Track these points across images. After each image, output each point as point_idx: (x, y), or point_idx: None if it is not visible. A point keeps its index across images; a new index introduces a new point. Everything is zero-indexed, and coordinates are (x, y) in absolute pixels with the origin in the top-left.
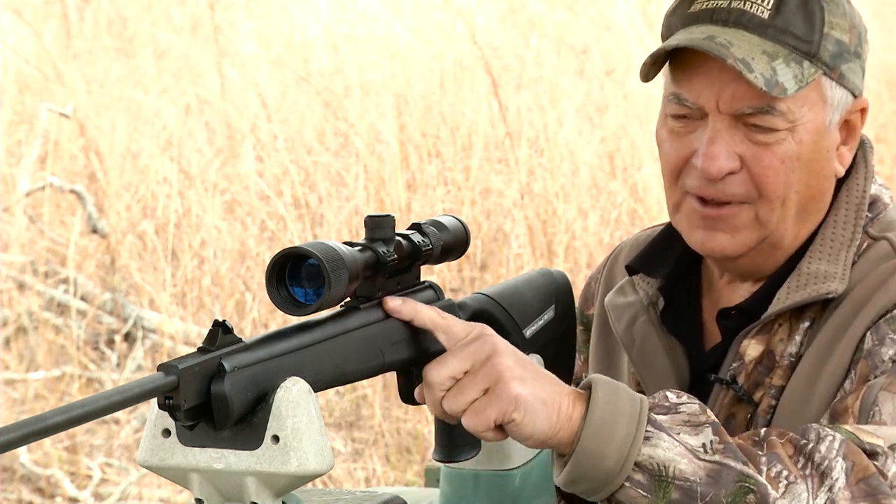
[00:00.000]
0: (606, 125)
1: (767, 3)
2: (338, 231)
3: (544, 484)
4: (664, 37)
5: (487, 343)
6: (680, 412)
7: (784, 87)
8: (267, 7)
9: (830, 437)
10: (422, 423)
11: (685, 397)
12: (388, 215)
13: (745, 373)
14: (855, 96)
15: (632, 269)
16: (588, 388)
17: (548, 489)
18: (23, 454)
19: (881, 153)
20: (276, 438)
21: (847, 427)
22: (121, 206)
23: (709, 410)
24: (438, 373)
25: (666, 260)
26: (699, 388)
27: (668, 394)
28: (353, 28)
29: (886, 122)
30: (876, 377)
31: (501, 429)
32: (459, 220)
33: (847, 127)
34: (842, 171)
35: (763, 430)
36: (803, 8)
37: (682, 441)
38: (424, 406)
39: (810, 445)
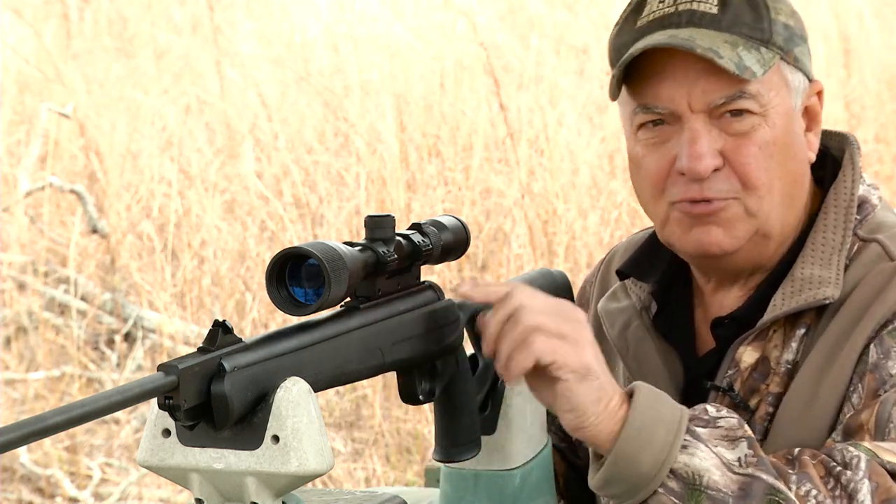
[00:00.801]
0: (606, 125)
1: (713, 0)
2: (338, 231)
3: (544, 484)
4: (613, 61)
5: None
6: (718, 426)
7: (753, 71)
8: (267, 7)
9: (857, 458)
10: (422, 423)
11: (724, 411)
12: (388, 215)
13: (740, 380)
14: (810, 80)
15: (622, 274)
16: (631, 393)
17: (548, 489)
18: (23, 454)
19: (881, 153)
20: (276, 438)
21: (866, 444)
22: (121, 206)
23: (745, 425)
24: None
25: (657, 263)
26: (693, 394)
27: (708, 407)
28: (353, 28)
29: (886, 122)
30: (886, 391)
31: (554, 386)
32: (459, 220)
33: (808, 113)
34: (813, 158)
35: (797, 450)
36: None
37: (718, 454)
38: (425, 406)
39: (838, 468)
